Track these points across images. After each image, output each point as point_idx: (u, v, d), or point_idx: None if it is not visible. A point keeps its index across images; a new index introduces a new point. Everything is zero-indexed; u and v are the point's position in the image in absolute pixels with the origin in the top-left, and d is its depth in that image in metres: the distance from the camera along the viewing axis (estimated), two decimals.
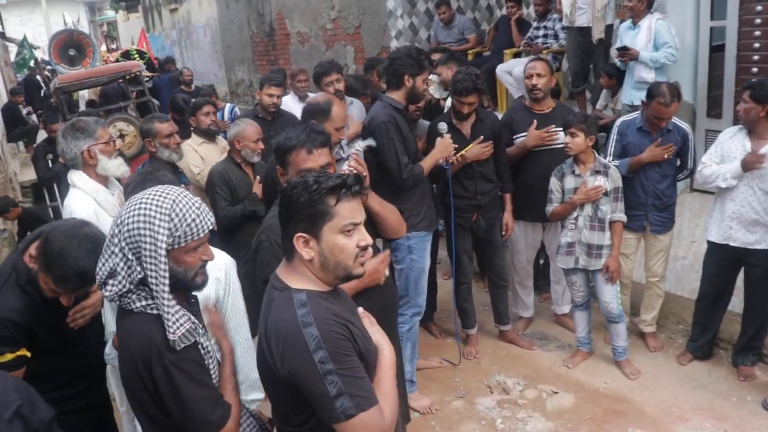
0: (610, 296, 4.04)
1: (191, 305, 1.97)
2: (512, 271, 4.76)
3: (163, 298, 1.77)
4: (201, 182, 4.44)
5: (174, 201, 1.77)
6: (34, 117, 13.89)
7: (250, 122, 4.20)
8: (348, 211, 1.74)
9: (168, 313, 1.76)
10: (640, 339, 4.52)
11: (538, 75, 4.27)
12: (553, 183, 4.07)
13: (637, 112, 4.29)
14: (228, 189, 4.03)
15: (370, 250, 1.81)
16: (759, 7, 4.63)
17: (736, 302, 4.18)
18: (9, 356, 2.30)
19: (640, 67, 4.95)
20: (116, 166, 3.16)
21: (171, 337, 1.75)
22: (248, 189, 4.07)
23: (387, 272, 2.48)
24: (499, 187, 4.34)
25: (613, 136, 4.27)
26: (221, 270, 2.48)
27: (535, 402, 4.00)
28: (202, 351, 1.85)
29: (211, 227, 1.81)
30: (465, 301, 4.54)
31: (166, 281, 1.77)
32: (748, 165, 3.66)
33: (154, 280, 1.76)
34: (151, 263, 1.75)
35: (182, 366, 1.78)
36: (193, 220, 1.77)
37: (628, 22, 5.15)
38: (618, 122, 4.33)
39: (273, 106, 5.01)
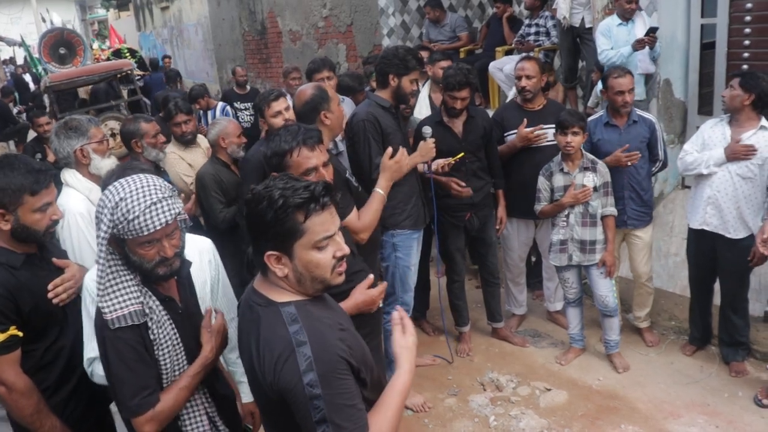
0: (606, 290, 4.06)
1: (182, 287, 2.09)
2: (505, 268, 4.77)
3: (100, 278, 1.89)
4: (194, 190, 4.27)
5: (122, 198, 1.82)
6: (25, 116, 13.81)
7: (228, 119, 4.23)
8: (319, 225, 1.64)
9: (102, 291, 1.88)
10: (633, 336, 4.54)
11: (527, 77, 4.27)
12: (541, 182, 4.07)
13: (602, 110, 4.30)
14: (221, 191, 4.02)
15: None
16: (749, 5, 4.65)
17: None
18: (0, 336, 2.17)
19: (646, 60, 4.96)
20: (109, 166, 3.13)
21: (106, 316, 1.86)
22: (238, 189, 4.04)
23: (381, 303, 2.58)
24: (492, 184, 4.34)
25: None
26: (210, 252, 2.54)
27: (528, 399, 4.01)
28: (151, 336, 1.92)
29: (159, 227, 1.83)
30: (457, 298, 4.55)
31: (104, 263, 1.88)
32: (735, 154, 3.70)
33: (96, 259, 1.90)
34: (97, 244, 1.88)
35: (115, 344, 1.87)
36: (136, 216, 1.80)
37: (611, 19, 5.12)
38: None
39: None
